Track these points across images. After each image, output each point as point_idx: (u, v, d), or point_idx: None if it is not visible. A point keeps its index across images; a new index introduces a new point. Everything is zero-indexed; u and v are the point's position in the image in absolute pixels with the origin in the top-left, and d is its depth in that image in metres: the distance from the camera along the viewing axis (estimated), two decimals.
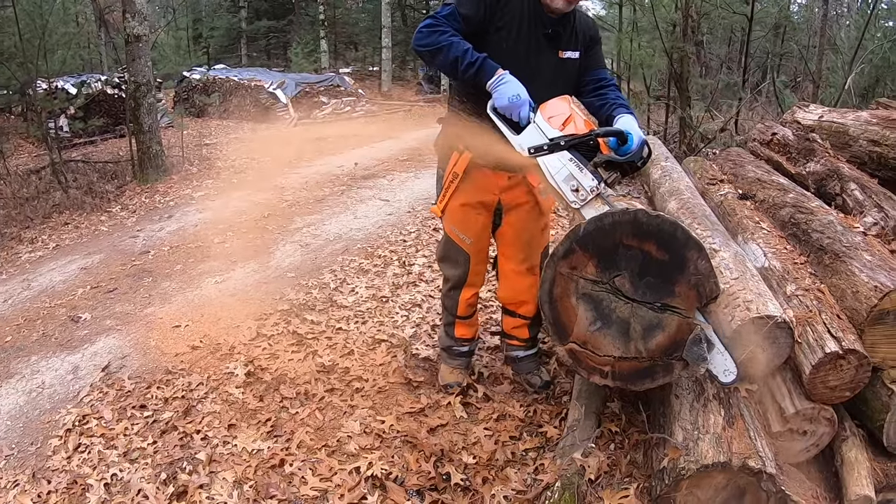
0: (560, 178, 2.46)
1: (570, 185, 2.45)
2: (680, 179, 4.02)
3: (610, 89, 2.95)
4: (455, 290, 3.40)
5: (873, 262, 2.61)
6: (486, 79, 2.62)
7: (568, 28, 2.90)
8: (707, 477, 2.37)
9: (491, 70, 2.62)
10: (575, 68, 2.96)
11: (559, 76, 2.91)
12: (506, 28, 2.82)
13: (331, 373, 3.75)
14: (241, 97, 14.99)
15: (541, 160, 2.50)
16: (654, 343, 2.33)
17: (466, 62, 2.63)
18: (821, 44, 10.92)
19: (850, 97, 8.52)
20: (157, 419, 3.42)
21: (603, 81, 2.98)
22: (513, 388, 3.56)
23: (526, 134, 2.56)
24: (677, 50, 8.55)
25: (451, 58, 2.65)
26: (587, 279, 2.35)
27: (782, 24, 15.18)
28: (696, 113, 8.81)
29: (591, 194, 2.43)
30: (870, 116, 4.03)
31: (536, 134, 2.52)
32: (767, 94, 11.05)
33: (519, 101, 2.56)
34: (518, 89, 2.58)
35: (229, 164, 10.19)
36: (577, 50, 2.93)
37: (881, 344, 2.49)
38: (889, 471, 2.53)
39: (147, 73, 9.00)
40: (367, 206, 7.51)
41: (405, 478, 2.92)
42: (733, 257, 2.88)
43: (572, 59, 2.93)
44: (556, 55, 2.89)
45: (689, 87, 8.87)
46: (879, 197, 3.27)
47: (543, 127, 2.52)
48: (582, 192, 2.43)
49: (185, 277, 5.36)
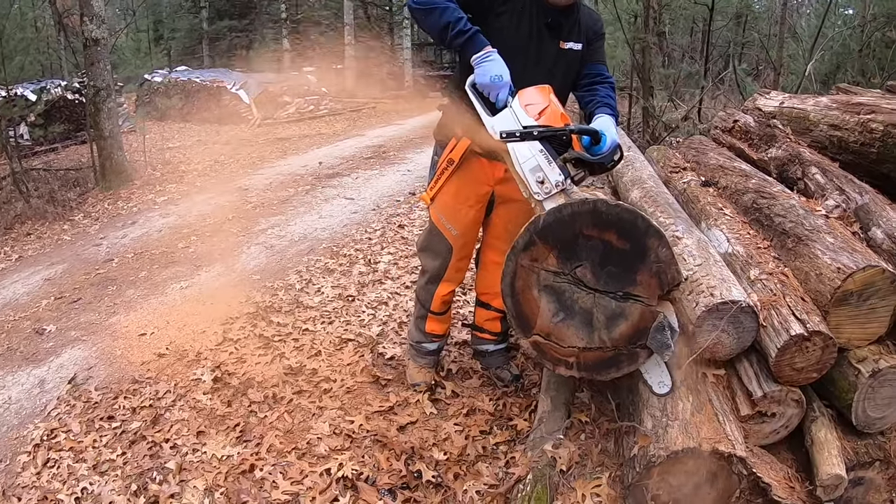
0: (527, 168, 2.44)
1: (537, 176, 2.43)
2: (642, 168, 4.03)
3: (603, 86, 2.93)
4: (432, 283, 3.35)
5: (836, 245, 2.62)
6: (473, 52, 2.57)
7: (570, 19, 2.87)
8: (678, 463, 2.38)
9: (480, 44, 2.57)
10: (576, 60, 2.94)
11: (559, 66, 2.89)
12: (507, 14, 2.79)
13: (298, 375, 3.72)
14: (203, 99, 14.86)
15: (510, 146, 2.47)
16: (618, 332, 2.33)
17: (458, 30, 2.57)
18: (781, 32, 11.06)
19: (812, 84, 8.63)
20: (126, 430, 3.37)
21: (599, 77, 2.97)
22: (482, 383, 3.56)
23: (500, 117, 2.52)
24: (639, 41, 8.61)
25: (444, 22, 2.59)
26: (548, 271, 2.33)
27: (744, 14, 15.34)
28: (658, 103, 8.87)
29: (556, 189, 2.41)
30: (830, 101, 4.06)
31: (511, 119, 2.49)
32: (730, 82, 11.16)
33: (500, 81, 2.52)
34: (501, 70, 2.53)
35: (192, 167, 10.10)
36: (580, 42, 2.91)
37: (846, 325, 2.50)
38: (859, 449, 2.55)
39: (106, 77, 8.87)
40: (331, 205, 7.48)
41: (376, 477, 2.91)
42: (696, 244, 2.89)
43: (574, 50, 2.90)
44: (556, 45, 2.87)
45: (652, 78, 8.94)
46: (841, 180, 3.29)
47: (519, 113, 2.49)
48: (547, 185, 2.42)
49: (149, 284, 5.29)
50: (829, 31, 10.26)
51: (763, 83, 11.20)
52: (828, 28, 10.27)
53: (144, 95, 16.11)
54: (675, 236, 2.96)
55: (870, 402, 2.47)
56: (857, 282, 2.43)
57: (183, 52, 24.99)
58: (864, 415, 2.50)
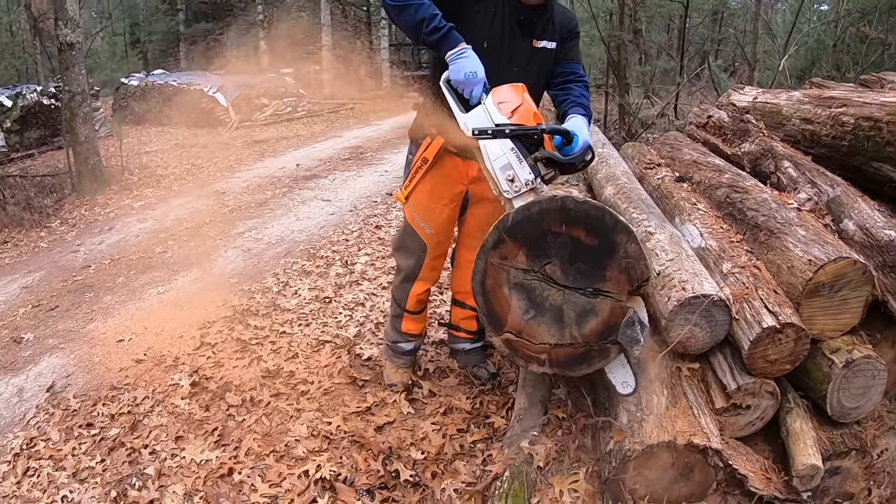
0: (497, 166, 2.44)
1: (507, 174, 2.42)
2: (616, 165, 4.05)
3: (577, 84, 2.93)
4: (407, 282, 3.35)
5: (807, 237, 2.64)
6: (447, 48, 2.56)
7: (544, 18, 2.87)
8: (653, 457, 2.40)
9: (454, 41, 2.56)
10: (550, 58, 2.94)
11: (532, 65, 2.89)
12: (482, 12, 2.79)
13: (276, 377, 3.71)
14: (180, 102, 14.68)
15: (482, 143, 2.47)
16: (589, 328, 2.33)
17: (432, 26, 2.56)
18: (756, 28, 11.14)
19: (786, 79, 8.69)
20: (105, 437, 3.35)
21: (573, 76, 2.96)
22: (459, 381, 3.57)
23: (473, 114, 2.52)
24: (614, 38, 8.63)
25: (418, 18, 2.58)
26: (518, 269, 2.34)
27: (720, 11, 15.43)
28: (634, 100, 8.91)
29: (526, 188, 2.41)
30: (802, 96, 4.09)
31: (484, 116, 2.48)
32: (706, 79, 11.22)
33: (475, 78, 2.52)
34: (476, 66, 2.53)
35: (170, 171, 10.02)
36: (554, 40, 2.91)
37: (818, 316, 2.52)
38: (835, 439, 2.57)
39: (82, 81, 8.78)
40: (309, 207, 7.48)
41: (354, 478, 2.91)
42: (669, 239, 2.91)
43: (548, 48, 2.90)
44: (529, 44, 2.87)
45: (628, 75, 8.97)
46: (813, 173, 3.32)
47: (492, 111, 2.48)
48: (517, 183, 2.41)
49: (127, 290, 5.25)
50: (804, 27, 10.34)
51: (738, 79, 11.27)
52: (802, 24, 10.35)
53: (121, 99, 15.95)
54: (647, 232, 2.98)
55: (844, 392, 2.49)
56: (829, 273, 2.45)
57: (160, 55, 24.78)
58: (838, 405, 2.52)
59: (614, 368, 2.43)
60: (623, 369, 2.42)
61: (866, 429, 2.63)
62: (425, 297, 3.43)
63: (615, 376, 2.43)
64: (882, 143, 3.15)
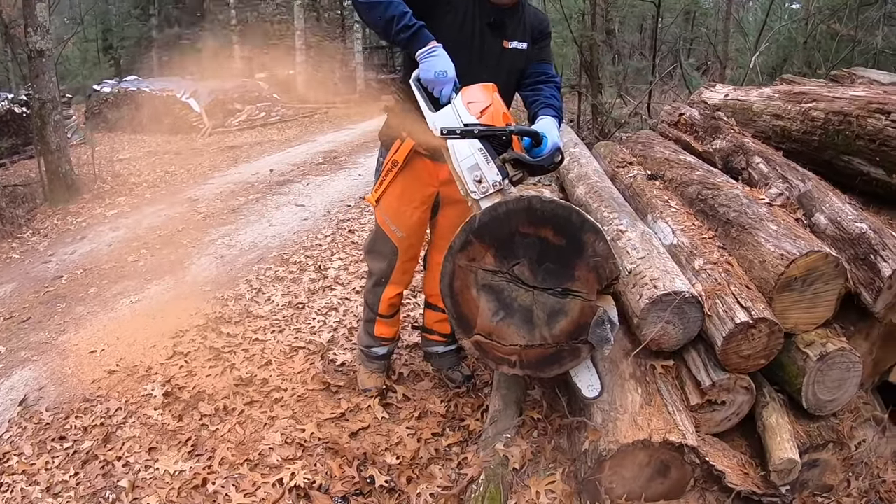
0: (465, 166, 2.42)
1: (475, 175, 2.40)
2: (588, 164, 4.05)
3: (548, 85, 2.93)
4: (379, 286, 3.33)
5: (779, 232, 2.65)
6: (418, 47, 2.54)
7: (515, 19, 2.86)
8: (629, 456, 2.39)
9: (425, 39, 2.54)
10: (521, 59, 2.93)
11: (503, 65, 2.88)
12: (453, 12, 2.77)
13: (249, 385, 3.67)
14: (153, 109, 14.56)
15: (450, 143, 2.45)
16: (559, 328, 2.32)
17: (403, 24, 2.53)
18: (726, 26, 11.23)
19: (758, 76, 8.75)
20: (78, 449, 3.29)
21: (544, 76, 2.96)
22: (433, 385, 3.56)
23: (442, 113, 2.50)
24: (587, 39, 8.66)
25: (389, 16, 2.55)
26: (486, 270, 2.32)
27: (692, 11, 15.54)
28: (608, 99, 8.94)
29: (493, 189, 2.39)
30: (772, 92, 4.13)
31: (452, 116, 2.46)
32: (679, 78, 11.30)
33: (444, 77, 2.50)
34: (446, 65, 2.51)
35: (143, 178, 9.95)
36: (525, 41, 2.90)
37: (791, 310, 2.53)
38: (812, 432, 2.58)
39: (52, 89, 8.66)
40: (282, 212, 7.46)
41: (329, 485, 2.88)
42: (640, 237, 2.91)
43: (519, 49, 2.89)
44: (500, 44, 2.85)
45: (601, 75, 9.00)
46: (784, 168, 3.33)
47: (461, 110, 2.47)
48: (484, 184, 2.39)
49: (99, 300, 5.18)
50: (775, 25, 10.43)
51: (710, 77, 11.36)
52: (774, 22, 10.44)
53: (94, 107, 15.79)
54: (618, 230, 2.98)
55: (819, 385, 2.50)
56: (801, 267, 2.46)
57: (133, 61, 24.55)
58: (814, 398, 2.53)
59: (580, 372, 2.42)
60: (588, 373, 2.42)
61: (843, 421, 2.65)
62: (398, 301, 3.41)
63: (580, 380, 2.43)
64: (852, 137, 3.19)
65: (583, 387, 2.42)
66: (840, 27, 9.20)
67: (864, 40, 8.92)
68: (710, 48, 14.00)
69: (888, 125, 2.98)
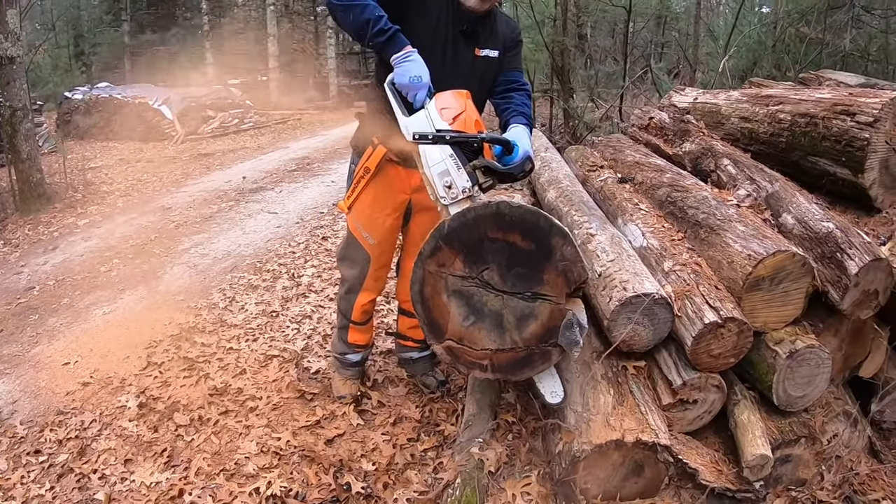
0: (436, 171, 2.44)
1: (445, 180, 2.42)
2: (559, 169, 4.08)
3: (518, 94, 2.94)
4: (351, 293, 3.33)
5: (747, 233, 2.69)
6: (393, 51, 2.54)
7: (487, 27, 2.87)
8: (603, 456, 2.42)
9: (400, 44, 2.54)
10: (493, 67, 2.94)
11: (475, 73, 2.88)
12: (426, 18, 2.77)
13: (224, 395, 3.65)
14: (125, 116, 14.38)
15: (421, 148, 2.46)
16: (529, 332, 2.34)
17: (378, 28, 2.53)
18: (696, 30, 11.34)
19: (728, 79, 8.83)
20: (53, 463, 3.24)
21: (515, 84, 2.97)
22: (408, 391, 3.56)
23: (415, 118, 2.51)
24: (557, 44, 8.70)
25: (364, 19, 2.54)
26: (456, 275, 2.34)
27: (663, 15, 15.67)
28: (579, 103, 8.99)
29: (462, 195, 2.41)
30: (740, 95, 4.19)
31: (425, 121, 2.48)
32: (651, 82, 11.38)
33: (419, 82, 2.51)
34: (421, 70, 2.51)
35: (115, 187, 9.80)
36: (497, 49, 2.91)
37: (760, 309, 2.58)
38: (784, 427, 2.63)
39: (23, 96, 8.52)
40: (255, 220, 7.43)
41: (306, 492, 2.87)
42: (609, 240, 2.93)
43: (490, 57, 2.90)
44: (472, 52, 2.86)
45: (572, 79, 9.04)
46: (751, 170, 3.38)
47: (434, 116, 2.48)
48: (454, 190, 2.41)
49: (72, 311, 5.12)
50: (745, 29, 10.54)
51: (681, 81, 11.45)
52: (743, 26, 10.55)
53: (65, 114, 15.52)
54: (588, 234, 3.01)
55: (790, 381, 2.55)
56: (768, 267, 2.51)
57: (105, 68, 24.24)
58: (785, 394, 2.57)
59: (543, 378, 2.45)
60: (551, 378, 2.45)
61: (815, 416, 2.70)
62: (371, 308, 3.41)
63: (544, 386, 2.46)
64: (818, 138, 3.24)
65: (546, 393, 2.45)
66: (808, 30, 9.31)
67: (832, 43, 9.03)
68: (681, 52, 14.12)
69: (853, 126, 3.04)
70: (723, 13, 17.08)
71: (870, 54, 9.37)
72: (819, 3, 9.22)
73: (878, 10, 9.33)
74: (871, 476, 2.75)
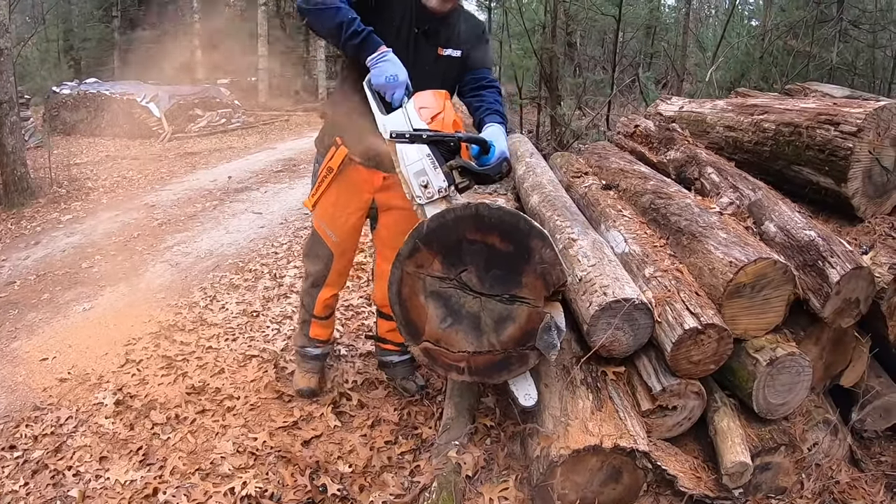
0: (412, 171, 2.44)
1: (421, 180, 2.42)
2: (543, 174, 4.08)
3: (489, 91, 2.93)
4: (315, 287, 3.37)
5: (728, 240, 2.70)
6: (368, 52, 2.56)
7: (449, 28, 2.87)
8: (581, 461, 2.40)
9: (374, 45, 2.56)
10: (455, 66, 2.94)
11: (437, 73, 2.87)
12: (387, 20, 2.77)
13: (201, 394, 3.62)
14: (113, 112, 14.27)
15: (398, 147, 2.46)
16: (507, 335, 2.33)
17: (352, 30, 2.55)
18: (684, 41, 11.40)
19: (715, 90, 8.88)
20: (28, 459, 3.21)
21: (483, 81, 2.96)
22: (387, 393, 3.54)
23: (393, 116, 2.51)
24: (546, 51, 8.72)
25: (337, 22, 2.56)
26: (434, 277, 2.32)
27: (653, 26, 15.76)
28: (567, 111, 9.01)
29: (438, 195, 2.42)
30: (726, 104, 4.21)
31: (403, 120, 2.48)
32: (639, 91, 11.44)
33: (396, 81, 2.52)
34: (397, 70, 2.53)
35: (100, 183, 9.74)
36: (459, 49, 2.91)
37: (741, 316, 2.58)
38: (764, 435, 2.62)
39: (10, 89, 8.44)
40: (239, 220, 7.42)
41: (281, 494, 2.85)
42: (591, 245, 2.93)
43: (453, 56, 2.90)
44: (434, 52, 2.87)
45: (560, 87, 9.07)
46: (735, 178, 3.39)
47: (412, 115, 2.48)
48: (430, 189, 2.42)
49: (52, 307, 5.07)
50: (733, 40, 10.61)
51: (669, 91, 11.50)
52: (732, 37, 10.62)
53: (52, 109, 15.36)
54: (570, 238, 3.00)
55: (770, 389, 2.55)
56: (750, 274, 2.51)
57: (94, 63, 24.05)
58: (765, 402, 2.58)
59: (517, 381, 2.43)
60: (525, 381, 2.44)
61: (795, 424, 2.70)
62: (333, 303, 3.46)
63: (518, 388, 2.44)
64: (802, 148, 3.26)
65: (520, 395, 2.43)
66: (796, 43, 9.39)
67: (819, 56, 9.11)
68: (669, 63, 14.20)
69: (837, 136, 3.05)
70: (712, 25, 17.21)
71: (856, 68, 9.48)
72: (807, 17, 9.29)
73: (866, 24, 9.43)
74: (852, 485, 2.76)
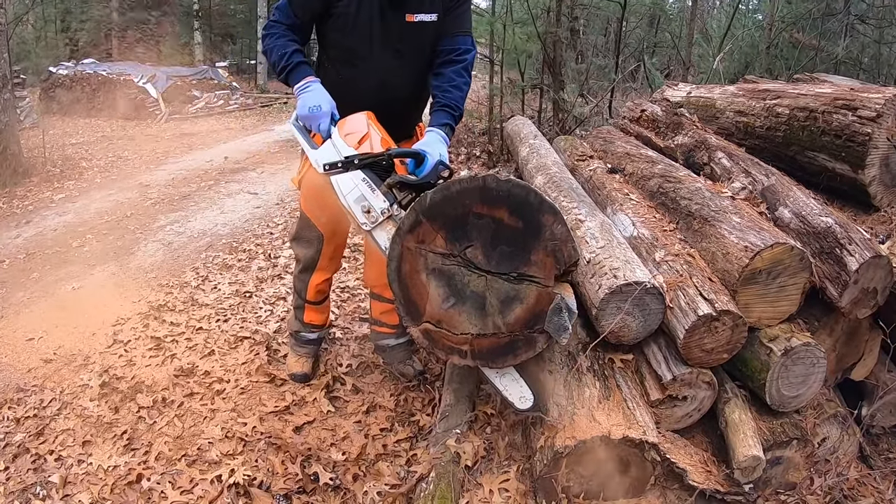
0: (352, 199, 2.42)
1: (362, 205, 2.40)
2: (547, 156, 4.02)
3: (454, 67, 2.77)
4: (306, 272, 3.28)
5: (742, 224, 2.63)
6: (294, 82, 2.61)
7: None
8: (587, 452, 2.33)
9: (299, 76, 2.61)
10: (430, 32, 2.78)
11: (408, 42, 2.75)
12: None
13: (190, 376, 3.53)
14: (110, 93, 14.27)
15: (333, 179, 2.44)
16: (513, 316, 2.23)
17: (282, 65, 2.65)
18: (690, 30, 11.31)
19: (720, 79, 8.83)
20: (9, 442, 3.12)
21: (454, 53, 2.80)
22: (383, 378, 3.47)
23: (323, 149, 2.50)
24: (550, 35, 8.65)
25: (273, 59, 2.70)
26: (436, 253, 2.22)
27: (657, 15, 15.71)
28: (569, 97, 8.96)
29: (383, 216, 2.39)
30: (736, 90, 4.15)
31: (332, 150, 2.47)
32: (642, 79, 11.36)
33: (318, 112, 2.51)
34: (320, 99, 2.52)
35: (94, 163, 9.70)
36: (433, 12, 2.74)
37: (755, 303, 2.51)
38: (776, 428, 2.56)
39: (3, 66, 8.35)
40: (234, 200, 7.41)
41: (271, 482, 2.77)
42: (599, 226, 2.84)
43: (425, 21, 2.74)
44: (402, 19, 2.71)
45: (563, 72, 9.01)
46: (747, 163, 3.33)
47: (339, 144, 2.46)
48: (373, 213, 2.39)
49: (40, 286, 4.99)
50: (739, 32, 10.56)
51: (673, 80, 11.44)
52: (737, 29, 10.57)
53: (49, 89, 15.35)
54: (577, 219, 2.94)
55: (783, 380, 2.48)
56: (766, 259, 2.43)
57: (92, 44, 23.96)
58: (778, 394, 2.50)
59: (508, 385, 2.38)
60: (517, 384, 2.38)
61: (806, 417, 2.63)
62: (326, 288, 3.38)
63: (511, 394, 2.38)
64: (817, 133, 3.19)
65: (514, 400, 2.37)
66: (802, 36, 9.32)
67: (825, 50, 9.04)
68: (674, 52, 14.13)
69: (854, 121, 2.97)
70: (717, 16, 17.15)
71: (862, 63, 9.40)
72: (814, 10, 9.22)
73: (873, 20, 9.36)
74: (860, 481, 2.70)
